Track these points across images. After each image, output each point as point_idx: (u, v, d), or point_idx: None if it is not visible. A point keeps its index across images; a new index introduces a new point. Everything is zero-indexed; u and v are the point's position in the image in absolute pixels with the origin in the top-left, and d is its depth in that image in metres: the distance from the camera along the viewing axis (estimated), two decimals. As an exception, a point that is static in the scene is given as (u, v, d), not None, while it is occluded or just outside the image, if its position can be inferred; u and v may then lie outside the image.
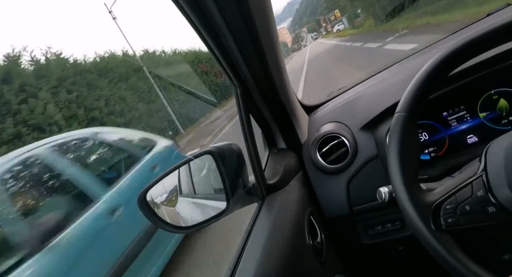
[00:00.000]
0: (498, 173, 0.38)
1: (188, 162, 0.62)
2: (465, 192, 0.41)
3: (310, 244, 0.60)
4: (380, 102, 0.73)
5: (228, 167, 0.58)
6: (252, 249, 0.53)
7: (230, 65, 0.57)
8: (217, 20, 0.46)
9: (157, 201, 0.59)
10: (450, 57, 0.45)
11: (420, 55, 0.92)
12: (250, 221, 0.62)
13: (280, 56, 0.66)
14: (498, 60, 0.62)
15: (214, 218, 0.58)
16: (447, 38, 0.93)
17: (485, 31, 0.43)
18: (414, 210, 0.43)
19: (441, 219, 0.42)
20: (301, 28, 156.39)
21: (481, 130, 0.67)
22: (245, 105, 0.62)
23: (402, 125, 0.46)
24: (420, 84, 0.46)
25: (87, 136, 2.72)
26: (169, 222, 0.59)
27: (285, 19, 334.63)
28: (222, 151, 0.59)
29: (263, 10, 0.50)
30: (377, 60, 6.78)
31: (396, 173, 0.45)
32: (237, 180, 0.60)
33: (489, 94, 0.67)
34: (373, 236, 0.79)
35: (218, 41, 0.51)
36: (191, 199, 0.66)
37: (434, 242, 0.41)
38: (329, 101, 1.01)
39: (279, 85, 0.70)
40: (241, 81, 0.61)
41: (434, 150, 0.70)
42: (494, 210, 0.38)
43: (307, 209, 0.69)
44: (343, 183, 0.76)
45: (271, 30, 0.56)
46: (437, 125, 0.70)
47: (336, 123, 0.83)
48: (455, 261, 0.40)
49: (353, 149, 0.76)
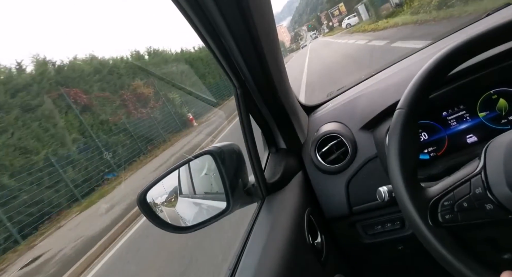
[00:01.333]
0: (497, 171, 0.38)
1: (188, 162, 0.62)
2: (464, 189, 0.41)
3: (310, 244, 0.60)
4: (380, 102, 0.73)
5: (228, 167, 0.59)
6: (252, 249, 0.53)
7: (230, 66, 0.57)
8: (217, 20, 0.46)
9: (157, 201, 0.59)
10: (452, 55, 0.46)
11: (419, 55, 0.92)
12: (250, 221, 0.62)
13: (280, 56, 0.66)
14: (497, 60, 0.62)
15: (214, 218, 0.58)
16: (447, 38, 0.93)
17: (487, 29, 0.44)
18: (412, 205, 0.43)
19: (438, 215, 0.43)
20: (300, 27, 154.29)
21: (480, 130, 0.67)
22: (245, 105, 0.62)
23: (403, 121, 0.46)
24: (422, 82, 0.46)
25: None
26: (169, 222, 0.59)
27: (285, 18, 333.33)
28: (222, 151, 0.59)
29: (263, 10, 0.50)
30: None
31: (395, 168, 0.45)
32: (237, 180, 0.60)
33: (489, 94, 0.67)
34: (373, 236, 0.79)
35: (218, 41, 0.51)
36: (191, 199, 0.66)
37: (431, 237, 0.42)
38: (329, 101, 1.01)
39: (279, 86, 0.70)
40: (241, 81, 0.61)
41: (434, 150, 0.70)
42: (491, 208, 0.39)
43: (307, 209, 0.69)
44: (343, 183, 0.76)
45: (271, 30, 0.56)
46: (437, 125, 0.70)
47: (335, 123, 0.83)
48: (451, 256, 0.40)
49: (353, 149, 0.76)
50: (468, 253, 0.40)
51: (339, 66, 8.88)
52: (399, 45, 6.97)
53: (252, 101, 0.71)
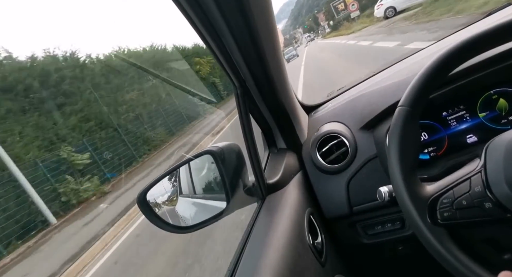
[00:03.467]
0: (497, 170, 0.38)
1: (188, 162, 0.62)
2: (463, 187, 0.42)
3: (310, 244, 0.60)
4: (380, 101, 0.73)
5: (228, 167, 0.58)
6: (252, 249, 0.53)
7: (230, 65, 0.57)
8: (217, 20, 0.46)
9: (157, 201, 0.59)
10: (454, 54, 0.46)
11: (420, 55, 0.92)
12: (250, 221, 0.62)
13: (280, 56, 0.66)
14: (497, 60, 0.62)
15: (214, 218, 0.58)
16: (448, 38, 0.93)
17: (489, 28, 0.44)
18: (411, 203, 0.43)
19: (437, 212, 0.43)
20: (296, 29, 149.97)
21: (480, 130, 0.67)
22: (245, 105, 0.62)
23: (404, 119, 0.46)
24: (424, 80, 0.46)
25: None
26: (169, 222, 0.59)
27: (280, 21, 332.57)
28: (222, 151, 0.59)
29: (264, 10, 0.50)
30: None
31: (395, 166, 0.46)
32: (237, 180, 0.60)
33: (489, 94, 0.67)
34: (373, 236, 0.79)
35: (219, 41, 0.51)
36: (191, 199, 0.66)
37: (429, 234, 0.42)
38: (329, 101, 1.01)
39: (279, 85, 0.70)
40: (241, 81, 0.61)
41: (434, 150, 0.70)
42: (490, 206, 0.39)
43: (307, 209, 0.69)
44: (343, 183, 0.76)
45: (272, 29, 0.56)
46: (437, 125, 0.70)
47: (336, 123, 0.83)
48: (448, 254, 0.40)
49: (353, 149, 0.76)
50: (467, 253, 0.41)
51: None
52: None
53: (253, 101, 0.71)
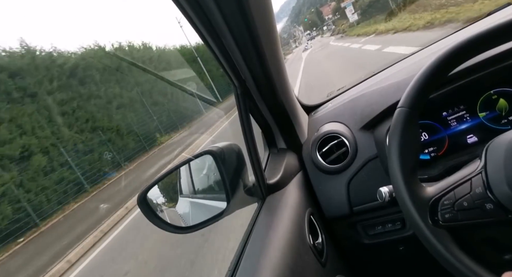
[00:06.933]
0: (497, 171, 0.38)
1: (188, 162, 0.61)
2: (464, 188, 0.42)
3: (311, 245, 0.60)
4: (380, 102, 0.73)
5: (228, 167, 0.58)
6: (252, 249, 0.52)
7: (230, 65, 0.57)
8: (217, 20, 0.46)
9: (158, 201, 0.59)
10: (453, 54, 0.45)
11: (420, 55, 0.92)
12: (250, 221, 0.62)
13: (280, 56, 0.66)
14: (497, 60, 0.62)
15: (214, 218, 0.58)
16: (448, 38, 0.93)
17: (488, 28, 0.44)
18: (412, 204, 0.43)
19: (438, 214, 0.43)
20: (295, 28, 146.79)
21: (480, 130, 0.67)
22: (245, 105, 0.61)
23: (404, 120, 0.46)
24: (424, 80, 0.46)
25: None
26: (170, 222, 0.59)
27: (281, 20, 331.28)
28: (222, 151, 0.59)
29: (264, 10, 0.50)
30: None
31: (396, 166, 0.45)
32: (237, 180, 0.60)
33: (489, 94, 0.67)
34: (374, 236, 0.79)
35: (219, 41, 0.51)
36: (191, 199, 0.66)
37: (431, 236, 0.42)
38: (329, 101, 1.01)
39: (279, 85, 0.70)
40: (241, 81, 0.61)
41: (434, 150, 0.70)
42: (491, 207, 0.39)
43: (307, 209, 0.69)
44: (343, 183, 0.76)
45: (272, 29, 0.56)
46: (437, 125, 0.70)
47: (336, 123, 0.83)
48: (450, 255, 0.40)
49: (353, 149, 0.76)
50: (469, 254, 0.40)
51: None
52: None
53: (253, 101, 0.71)
